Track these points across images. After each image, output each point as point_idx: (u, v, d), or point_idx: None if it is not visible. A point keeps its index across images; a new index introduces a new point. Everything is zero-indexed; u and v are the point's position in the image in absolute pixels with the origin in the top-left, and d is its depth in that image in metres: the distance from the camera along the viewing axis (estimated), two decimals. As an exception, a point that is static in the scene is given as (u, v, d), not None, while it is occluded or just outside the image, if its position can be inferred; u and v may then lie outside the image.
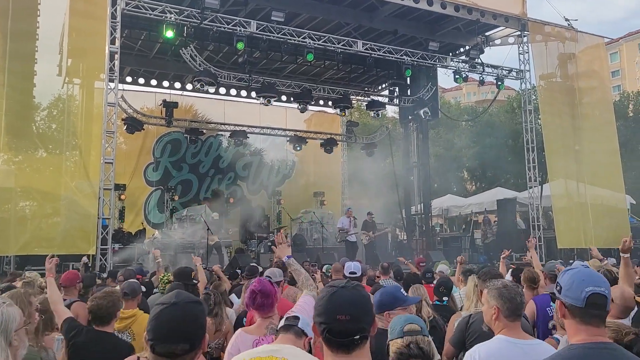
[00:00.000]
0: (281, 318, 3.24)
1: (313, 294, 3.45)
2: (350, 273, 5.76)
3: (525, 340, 2.86)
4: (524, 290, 5.33)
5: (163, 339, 1.80)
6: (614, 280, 4.77)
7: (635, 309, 4.19)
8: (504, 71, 17.72)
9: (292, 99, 19.51)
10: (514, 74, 17.84)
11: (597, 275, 2.14)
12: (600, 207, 17.38)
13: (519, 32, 17.26)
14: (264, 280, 3.33)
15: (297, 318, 2.99)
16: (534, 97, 18.31)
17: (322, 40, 14.86)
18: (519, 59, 17.68)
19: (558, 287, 2.17)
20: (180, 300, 1.88)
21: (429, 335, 2.65)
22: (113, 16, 12.17)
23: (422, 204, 20.03)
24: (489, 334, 3.35)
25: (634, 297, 4.09)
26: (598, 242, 17.05)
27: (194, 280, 5.98)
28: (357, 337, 1.77)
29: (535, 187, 17.41)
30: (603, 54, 20.15)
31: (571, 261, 4.48)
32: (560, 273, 2.24)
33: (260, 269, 7.66)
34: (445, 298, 5.58)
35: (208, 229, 13.98)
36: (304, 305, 3.32)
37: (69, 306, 4.58)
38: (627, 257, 4.27)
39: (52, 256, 4.51)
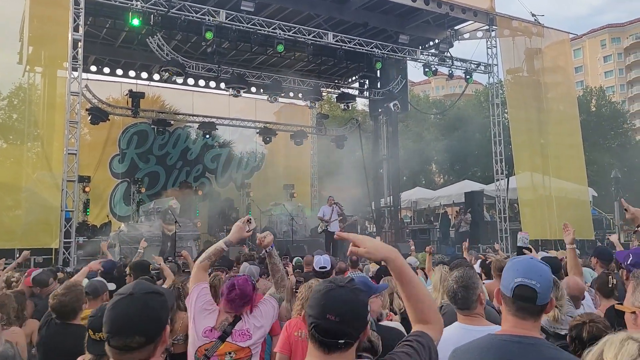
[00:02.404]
0: (237, 317, 3.21)
1: (279, 297, 3.46)
2: (320, 268, 5.66)
3: (480, 327, 2.86)
4: (494, 280, 5.39)
5: (118, 331, 1.72)
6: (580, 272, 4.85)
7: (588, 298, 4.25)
8: (472, 65, 17.89)
9: (261, 90, 19.31)
10: (482, 68, 18.04)
11: (535, 266, 2.07)
12: (564, 200, 17.80)
13: (487, 27, 17.44)
14: (249, 282, 3.28)
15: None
16: (501, 91, 18.57)
17: (292, 32, 14.73)
18: (487, 53, 17.89)
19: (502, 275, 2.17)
20: (138, 291, 1.80)
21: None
22: (76, 2, 11.80)
23: (391, 197, 20.14)
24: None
25: (583, 287, 4.13)
26: (562, 233, 17.44)
27: (151, 273, 5.88)
28: (342, 341, 1.69)
29: (501, 179, 17.68)
30: (568, 49, 20.58)
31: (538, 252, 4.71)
32: (509, 265, 2.19)
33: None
34: None
35: (176, 222, 13.76)
36: (263, 311, 3.32)
37: None
38: (574, 247, 4.32)
39: None
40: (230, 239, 3.42)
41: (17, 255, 10.70)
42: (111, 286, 4.71)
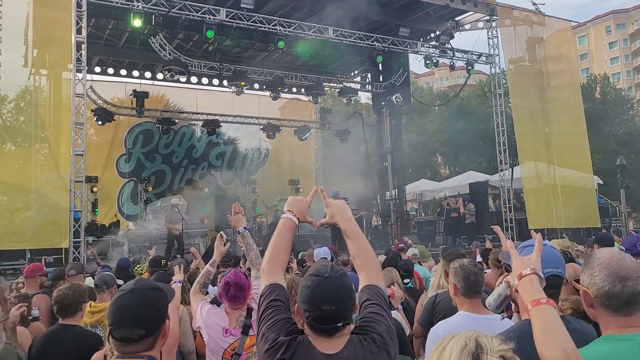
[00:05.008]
0: (249, 309, 3.31)
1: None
2: (320, 259, 5.79)
3: (485, 315, 2.97)
4: (490, 270, 5.49)
5: (120, 324, 1.86)
6: (569, 260, 5.01)
7: None
8: (473, 56, 17.88)
9: (264, 87, 19.42)
10: (484, 58, 18.02)
11: (555, 254, 2.14)
12: (569, 188, 17.81)
13: (487, 17, 17.42)
14: (239, 273, 3.39)
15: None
16: (504, 81, 18.55)
17: (292, 28, 14.80)
18: (489, 44, 17.84)
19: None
20: (138, 287, 1.95)
21: None
22: (78, 5, 11.90)
23: (396, 189, 20.19)
24: (455, 311, 3.47)
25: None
26: (568, 222, 17.50)
27: (165, 268, 6.13)
28: (340, 324, 1.87)
29: (506, 169, 17.70)
30: (570, 37, 20.53)
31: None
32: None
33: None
34: (406, 280, 5.70)
35: (182, 219, 13.91)
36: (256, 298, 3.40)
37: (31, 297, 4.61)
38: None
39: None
40: (215, 259, 3.71)
41: (29, 256, 10.96)
42: (120, 282, 4.90)
